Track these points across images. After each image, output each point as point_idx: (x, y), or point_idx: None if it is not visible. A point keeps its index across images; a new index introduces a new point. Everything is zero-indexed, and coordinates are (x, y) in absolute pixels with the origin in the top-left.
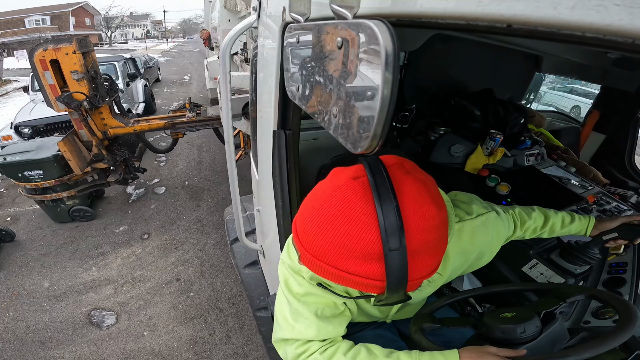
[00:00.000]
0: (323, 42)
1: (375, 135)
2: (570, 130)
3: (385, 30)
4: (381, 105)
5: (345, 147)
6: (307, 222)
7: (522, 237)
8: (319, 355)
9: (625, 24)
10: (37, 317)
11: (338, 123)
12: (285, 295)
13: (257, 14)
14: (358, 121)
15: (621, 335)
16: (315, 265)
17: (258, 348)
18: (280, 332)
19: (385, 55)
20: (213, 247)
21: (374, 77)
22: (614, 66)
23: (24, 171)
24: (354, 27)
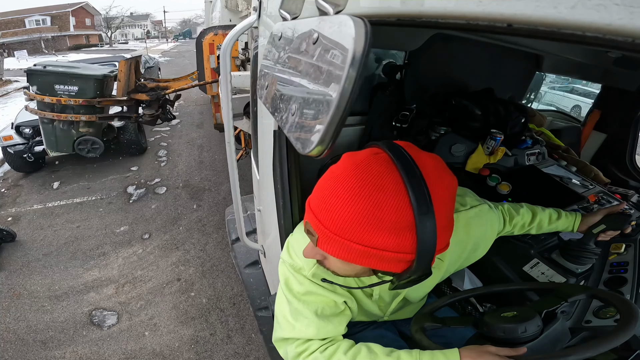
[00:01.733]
0: (300, 39)
1: (325, 136)
2: (571, 129)
3: (360, 27)
4: (337, 104)
5: (295, 146)
6: (328, 199)
7: (511, 233)
8: (319, 354)
9: (625, 24)
10: (38, 317)
11: (294, 122)
12: (285, 294)
13: (257, 13)
14: (312, 120)
15: (622, 335)
16: (338, 244)
17: (259, 348)
18: (280, 332)
19: (353, 51)
20: (214, 247)
21: (338, 73)
22: (615, 65)
23: (60, 84)
24: (332, 23)
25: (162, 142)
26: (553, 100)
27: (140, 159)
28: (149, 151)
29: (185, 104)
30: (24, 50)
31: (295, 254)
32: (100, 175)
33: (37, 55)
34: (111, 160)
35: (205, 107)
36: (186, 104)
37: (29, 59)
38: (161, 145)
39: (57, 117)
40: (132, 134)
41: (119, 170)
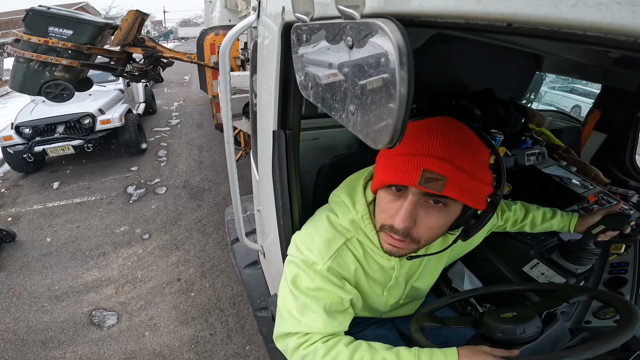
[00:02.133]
0: (333, 41)
1: (395, 131)
2: (571, 129)
3: (396, 29)
4: (399, 104)
5: (366, 142)
6: (450, 144)
7: (503, 229)
8: (321, 343)
9: (626, 23)
10: (38, 318)
11: (357, 120)
12: (292, 290)
13: (256, 13)
14: (378, 119)
15: (622, 336)
16: (465, 182)
17: (259, 348)
18: (284, 327)
19: (399, 53)
20: (214, 247)
21: (390, 76)
22: (615, 65)
23: (55, 26)
24: (364, 27)
25: (162, 142)
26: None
27: (140, 159)
28: (149, 151)
29: (185, 104)
30: None
31: (308, 249)
32: (100, 175)
33: None
34: (111, 161)
35: (205, 107)
36: (186, 104)
37: None
38: (161, 145)
39: (37, 58)
40: (132, 134)
41: (119, 170)
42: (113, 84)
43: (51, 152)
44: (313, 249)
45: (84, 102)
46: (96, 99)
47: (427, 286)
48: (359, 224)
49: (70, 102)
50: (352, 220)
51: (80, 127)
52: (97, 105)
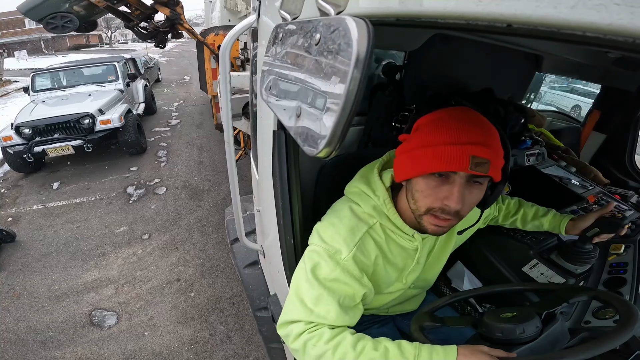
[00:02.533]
0: (303, 40)
1: (332, 138)
2: (571, 130)
3: (363, 28)
4: (343, 105)
5: (302, 148)
6: (483, 133)
7: (495, 221)
8: (328, 329)
9: (625, 24)
10: (38, 318)
11: (301, 122)
12: (310, 279)
13: (256, 14)
14: (318, 122)
15: (621, 336)
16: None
17: (259, 348)
18: (293, 314)
19: (357, 53)
20: (213, 247)
21: (342, 75)
22: (615, 66)
23: None
24: (334, 24)
25: (162, 142)
26: (553, 100)
27: (140, 159)
28: (149, 151)
29: (185, 104)
30: (24, 51)
31: (332, 238)
32: (99, 175)
33: (37, 56)
34: (111, 161)
35: (205, 107)
36: (186, 104)
37: (29, 59)
38: (161, 145)
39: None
40: (132, 134)
41: (119, 170)
42: (113, 84)
43: (51, 152)
44: (337, 237)
45: (84, 103)
46: (96, 99)
47: (434, 274)
48: (382, 209)
49: (70, 103)
50: (374, 206)
51: (80, 127)
52: (97, 105)
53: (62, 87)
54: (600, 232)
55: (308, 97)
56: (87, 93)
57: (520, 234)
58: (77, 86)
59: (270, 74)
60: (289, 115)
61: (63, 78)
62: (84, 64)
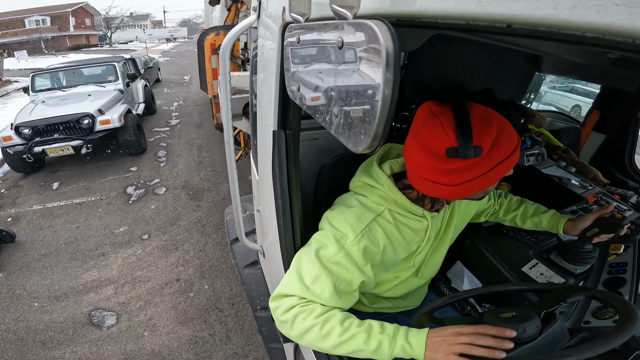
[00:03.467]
0: (323, 42)
1: (376, 135)
2: (571, 130)
3: (385, 30)
4: (382, 105)
5: (347, 146)
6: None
7: (496, 215)
8: (320, 305)
9: (625, 24)
10: (37, 318)
11: (339, 123)
12: (312, 259)
13: (257, 14)
14: (359, 121)
15: (621, 336)
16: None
17: (258, 348)
18: (289, 289)
19: (386, 55)
20: (213, 247)
21: (374, 77)
22: (614, 66)
23: None
24: (355, 27)
25: (162, 142)
26: (553, 100)
27: (140, 160)
28: (149, 151)
29: (185, 104)
30: (24, 51)
31: (339, 223)
32: (99, 175)
33: (37, 56)
34: (110, 161)
35: (205, 107)
36: (186, 104)
37: (29, 59)
38: (161, 145)
39: None
40: (132, 135)
41: (119, 170)
42: (112, 84)
43: (51, 152)
44: (345, 223)
45: (84, 103)
46: (95, 99)
47: (439, 259)
48: (389, 194)
49: (69, 103)
50: (381, 195)
51: (80, 127)
52: (97, 105)
53: (62, 87)
54: (600, 232)
55: (344, 100)
56: (86, 93)
57: (520, 234)
58: (76, 86)
59: (296, 77)
60: (325, 116)
61: (63, 78)
62: (84, 64)
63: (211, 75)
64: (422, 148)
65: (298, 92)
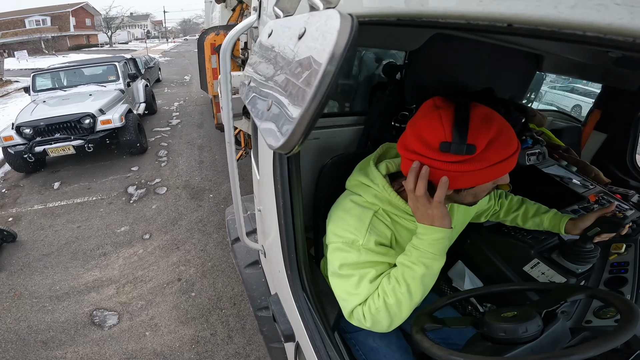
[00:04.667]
0: (287, 34)
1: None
2: (572, 129)
3: (347, 21)
4: (311, 97)
5: (266, 141)
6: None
7: (497, 215)
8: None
9: (626, 23)
10: (39, 318)
11: (268, 117)
12: (342, 274)
13: (257, 13)
14: (283, 115)
15: (623, 335)
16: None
17: (260, 348)
18: (349, 305)
19: (335, 46)
20: (214, 247)
21: (317, 68)
22: (615, 65)
23: None
24: (319, 18)
25: (163, 142)
26: (553, 100)
27: (141, 159)
28: (149, 151)
29: (185, 104)
30: (24, 51)
31: (344, 230)
32: (100, 175)
33: (37, 56)
34: (111, 161)
35: (206, 107)
36: (186, 104)
37: (29, 59)
38: (161, 145)
39: None
40: (133, 134)
41: (120, 170)
42: (113, 84)
43: (52, 152)
44: (349, 228)
45: (85, 102)
46: (97, 99)
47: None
48: (384, 194)
49: (70, 103)
50: (375, 194)
51: (81, 127)
52: (98, 105)
53: (63, 87)
54: (601, 232)
55: (280, 92)
56: (87, 93)
57: (521, 234)
58: (77, 86)
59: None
60: (260, 111)
61: (64, 78)
62: (85, 64)
63: (211, 75)
64: (417, 137)
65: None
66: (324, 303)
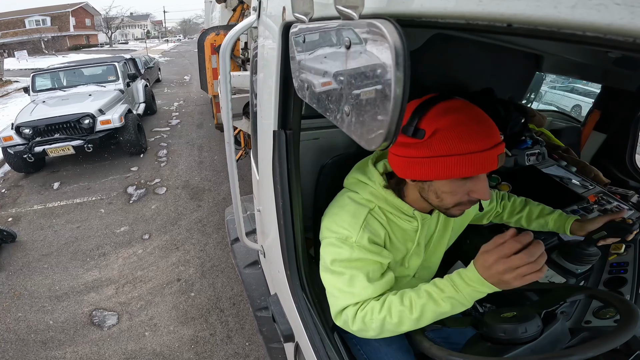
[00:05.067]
0: (330, 42)
1: (389, 133)
2: (571, 129)
3: (393, 30)
4: (394, 105)
5: (360, 144)
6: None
7: (500, 217)
8: (374, 301)
9: (626, 23)
10: (38, 318)
11: (351, 121)
12: (334, 269)
13: (257, 13)
14: (371, 120)
15: (622, 335)
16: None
17: (259, 348)
18: (339, 303)
19: (395, 54)
20: (214, 247)
21: (385, 76)
22: (615, 65)
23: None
24: (362, 27)
25: (162, 142)
26: (553, 100)
27: (140, 160)
28: (149, 151)
29: (185, 104)
30: (24, 51)
31: (338, 225)
32: (100, 175)
33: (37, 56)
34: (111, 161)
35: (205, 107)
36: (186, 104)
37: (29, 60)
38: (161, 145)
39: None
40: (132, 134)
41: (119, 170)
42: (113, 84)
43: (51, 152)
44: (343, 224)
45: (84, 103)
46: (96, 99)
47: (436, 261)
48: (380, 192)
49: (70, 103)
50: (372, 192)
51: (81, 127)
52: (97, 105)
53: (63, 87)
54: (607, 236)
55: (355, 98)
56: (87, 93)
57: None
58: (77, 86)
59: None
60: (337, 114)
61: (63, 78)
62: (84, 64)
63: (211, 75)
64: None
65: (307, 92)
66: (323, 303)
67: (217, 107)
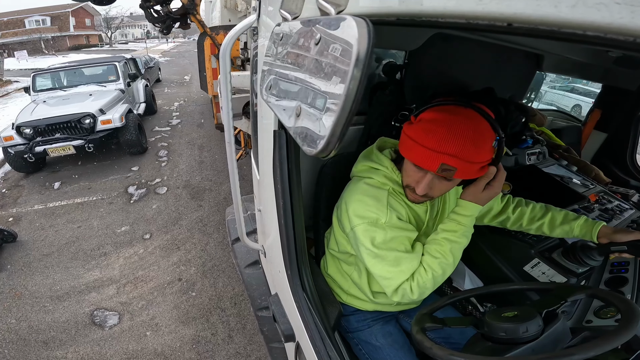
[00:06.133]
0: (303, 39)
1: (333, 135)
2: (572, 129)
3: (363, 28)
4: (343, 104)
5: (302, 148)
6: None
7: (520, 225)
8: (420, 268)
9: (626, 23)
10: (39, 318)
11: (299, 123)
12: (377, 253)
13: (257, 13)
14: (316, 120)
15: (623, 335)
16: (470, 169)
17: (260, 348)
18: (395, 281)
19: (357, 52)
20: (215, 247)
21: (341, 73)
22: (615, 65)
23: None
24: (334, 23)
25: (163, 142)
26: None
27: (141, 159)
28: (150, 151)
29: (186, 104)
30: (24, 51)
31: (366, 210)
32: (101, 175)
33: (37, 56)
34: (112, 161)
35: (206, 107)
36: (186, 104)
37: (29, 59)
38: (162, 145)
39: None
40: (133, 134)
41: (120, 170)
42: (113, 84)
43: (52, 152)
44: (370, 208)
45: (85, 102)
46: (97, 99)
47: None
48: (392, 176)
49: (71, 103)
50: (385, 175)
51: (81, 127)
52: (98, 105)
53: (63, 87)
54: (625, 251)
55: (308, 96)
56: (87, 93)
57: (521, 233)
58: (77, 86)
59: (270, 74)
60: (289, 115)
61: (64, 78)
62: (85, 64)
63: (211, 75)
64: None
65: (269, 91)
66: (324, 303)
67: (217, 107)
